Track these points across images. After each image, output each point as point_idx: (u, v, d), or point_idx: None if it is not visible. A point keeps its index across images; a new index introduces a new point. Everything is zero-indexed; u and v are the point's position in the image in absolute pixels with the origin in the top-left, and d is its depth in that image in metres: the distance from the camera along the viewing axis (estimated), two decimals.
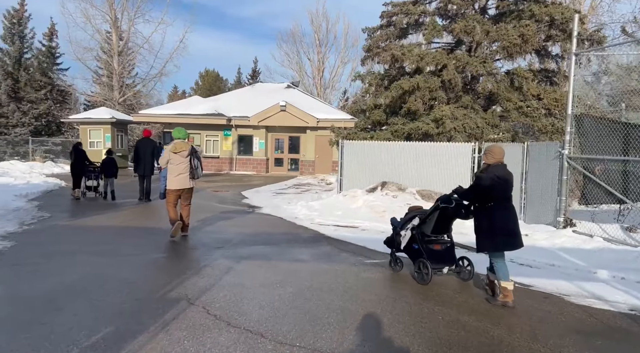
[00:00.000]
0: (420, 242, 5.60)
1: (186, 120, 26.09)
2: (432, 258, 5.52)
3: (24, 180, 15.63)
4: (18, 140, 29.91)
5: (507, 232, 4.85)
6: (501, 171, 4.88)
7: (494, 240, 4.88)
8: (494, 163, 4.94)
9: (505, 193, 4.90)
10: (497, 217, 4.85)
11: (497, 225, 4.84)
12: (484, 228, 4.94)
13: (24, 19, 31.82)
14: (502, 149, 5.02)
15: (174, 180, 7.87)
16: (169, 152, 7.86)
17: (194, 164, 7.98)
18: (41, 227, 8.61)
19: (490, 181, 4.83)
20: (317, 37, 48.72)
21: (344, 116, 25.92)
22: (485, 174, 4.90)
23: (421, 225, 5.63)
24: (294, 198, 14.56)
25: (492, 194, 4.84)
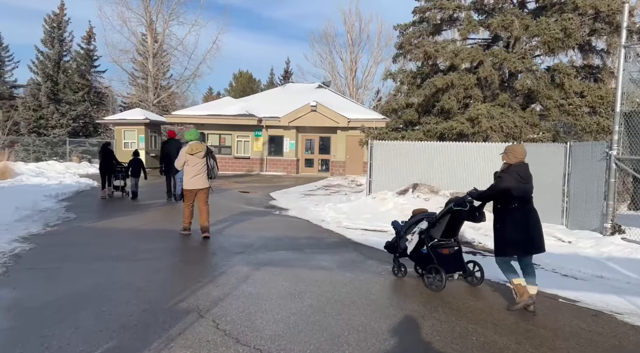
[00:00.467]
0: (430, 247, 5.34)
1: (217, 121, 26.15)
2: (442, 263, 5.24)
3: (57, 180, 15.84)
4: (57, 141, 30.68)
5: (531, 236, 4.65)
6: (524, 171, 4.70)
7: (518, 244, 4.66)
8: (516, 162, 4.74)
9: (528, 194, 4.71)
10: (521, 220, 4.65)
11: (521, 228, 4.63)
12: (506, 232, 4.71)
13: (63, 23, 32.66)
14: (524, 148, 4.83)
15: (191, 181, 7.97)
16: (186, 154, 7.90)
17: (210, 164, 8.12)
18: (64, 228, 8.53)
19: (513, 181, 4.63)
20: (350, 37, 48.27)
21: (375, 116, 25.39)
22: (507, 174, 4.70)
23: (430, 228, 5.36)
24: (322, 200, 14.20)
25: (514, 195, 4.63)
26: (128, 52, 36.66)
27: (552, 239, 8.59)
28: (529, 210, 4.71)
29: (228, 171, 26.47)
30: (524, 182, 4.67)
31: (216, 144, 27.16)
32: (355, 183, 20.65)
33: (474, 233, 8.94)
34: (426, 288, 5.39)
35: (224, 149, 27.13)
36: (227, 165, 26.84)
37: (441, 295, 5.14)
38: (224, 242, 7.72)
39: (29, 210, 10.33)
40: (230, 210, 11.66)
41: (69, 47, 33.36)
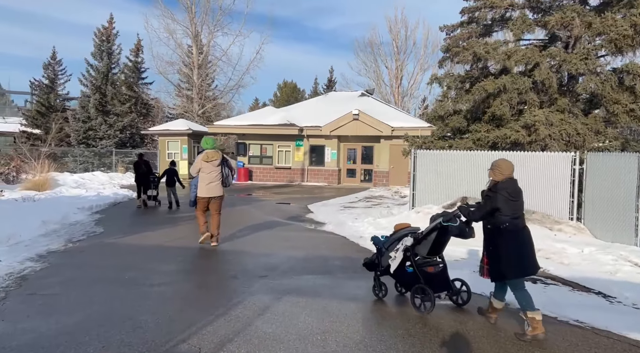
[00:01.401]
0: (416, 265, 4.99)
1: (259, 131, 25.82)
2: (428, 282, 4.91)
3: (96, 191, 15.77)
4: (104, 152, 31.36)
5: (526, 256, 4.42)
6: (512, 188, 4.44)
7: (514, 266, 4.39)
8: (503, 179, 4.47)
9: (519, 211, 4.46)
10: (515, 240, 4.42)
11: (515, 248, 4.40)
12: (501, 254, 4.43)
13: (112, 36, 33.47)
14: (511, 163, 4.56)
15: (205, 188, 7.94)
16: (201, 161, 7.87)
17: (225, 173, 8.06)
18: (86, 245, 8.10)
19: (503, 200, 4.36)
20: (396, 44, 47.29)
21: (420, 124, 24.28)
22: (495, 193, 4.43)
23: (415, 245, 5.01)
24: (361, 213, 13.32)
25: (505, 214, 4.38)
26: (174, 63, 37.22)
27: (626, 265, 7.37)
28: (521, 229, 4.46)
29: (269, 181, 26.03)
30: (513, 199, 4.40)
31: (257, 154, 26.84)
32: (398, 194, 19.64)
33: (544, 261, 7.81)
34: (476, 325, 4.44)
35: (265, 159, 26.75)
36: (268, 175, 26.43)
37: (499, 336, 4.19)
38: (248, 263, 7.02)
39: (59, 223, 10.07)
40: (263, 223, 11.01)
41: (117, 59, 34.13)
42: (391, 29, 47.04)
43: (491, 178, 4.56)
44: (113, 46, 33.65)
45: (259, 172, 26.63)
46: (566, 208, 10.35)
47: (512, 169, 4.53)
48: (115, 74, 34.00)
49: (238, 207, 14.24)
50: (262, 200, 17.08)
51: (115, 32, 33.74)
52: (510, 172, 4.51)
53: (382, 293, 5.45)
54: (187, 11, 36.18)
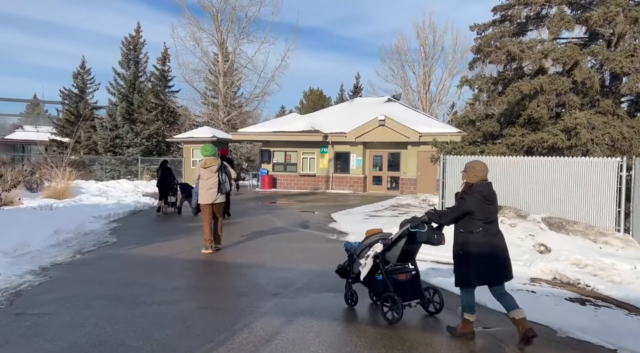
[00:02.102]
0: (385, 272, 4.81)
1: (283, 138, 25.41)
2: (399, 290, 4.76)
3: (117, 199, 15.54)
4: (131, 160, 31.51)
5: (500, 262, 4.27)
6: (486, 190, 4.27)
7: (484, 273, 4.24)
8: (477, 181, 4.31)
9: (492, 216, 4.33)
10: (486, 246, 4.22)
11: (486, 254, 4.20)
12: (471, 259, 4.24)
13: (139, 45, 33.75)
14: (485, 165, 4.40)
15: (205, 195, 8.07)
16: (200, 168, 8.07)
17: (222, 179, 8.12)
18: (93, 256, 7.70)
19: (476, 203, 4.20)
20: (423, 50, 46.41)
21: (449, 129, 23.42)
22: (468, 195, 4.26)
23: (385, 252, 4.83)
24: (387, 222, 12.62)
25: (478, 218, 4.22)
26: (200, 71, 37.25)
27: None
28: (495, 234, 4.30)
29: (293, 189, 25.54)
30: (488, 202, 4.25)
31: (281, 161, 26.41)
32: (426, 203, 18.82)
33: (580, 272, 7.03)
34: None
35: (289, 166, 26.30)
36: (293, 182, 25.95)
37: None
38: (261, 277, 6.46)
39: (72, 232, 9.75)
40: (282, 233, 10.47)
41: (144, 68, 34.38)
42: (419, 34, 46.20)
43: (465, 180, 4.40)
44: (140, 55, 33.93)
45: (283, 180, 26.19)
46: (612, 219, 9.47)
47: (486, 171, 4.35)
48: (142, 82, 34.25)
49: (260, 215, 13.75)
50: (284, 208, 16.57)
51: (142, 41, 34.03)
52: (484, 174, 4.33)
53: (353, 302, 5.29)
54: (213, 19, 36.24)
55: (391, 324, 4.67)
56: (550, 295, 6.07)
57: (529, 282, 6.81)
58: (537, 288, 6.43)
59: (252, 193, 23.89)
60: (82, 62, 36.34)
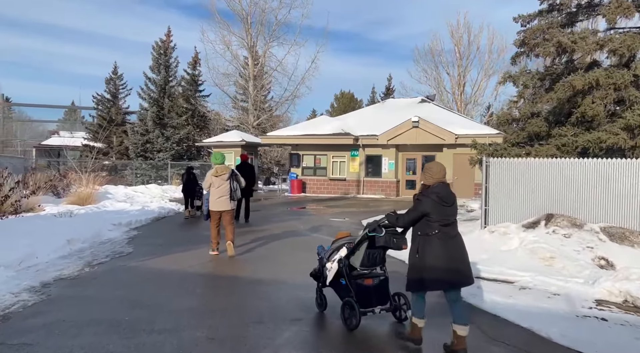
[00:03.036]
0: (348, 277, 4.72)
1: (312, 141, 24.70)
2: (362, 296, 4.67)
3: (141, 205, 15.11)
4: (161, 164, 31.41)
5: (456, 266, 4.12)
6: (442, 192, 4.17)
7: (441, 277, 4.10)
8: (434, 183, 4.22)
9: (449, 218, 4.19)
10: (440, 249, 4.09)
11: (444, 257, 4.08)
12: (427, 263, 4.12)
13: (169, 49, 33.69)
14: (442, 166, 4.33)
15: (216, 202, 8.21)
16: (211, 176, 8.19)
17: (233, 186, 8.28)
18: (103, 270, 7.08)
19: (432, 204, 4.12)
20: (458, 50, 45.05)
21: (488, 130, 22.23)
22: (424, 196, 4.19)
23: (350, 256, 4.75)
24: None
25: (434, 220, 4.12)
26: (230, 75, 37.05)
27: None
28: (452, 237, 4.20)
29: (323, 194, 24.77)
30: (445, 204, 4.16)
31: (311, 165, 25.69)
32: (464, 208, 17.69)
33: None
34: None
35: (319, 170, 25.55)
36: (322, 187, 25.17)
37: None
38: (281, 298, 5.67)
39: (88, 241, 9.23)
40: (309, 243, 9.67)
41: (174, 72, 34.32)
42: (453, 35, 44.85)
43: (422, 182, 4.34)
44: (170, 59, 33.87)
45: (313, 184, 25.45)
46: None
47: (443, 173, 4.26)
48: (172, 86, 34.21)
49: (287, 221, 12.99)
50: (313, 214, 15.80)
51: (173, 45, 33.97)
52: (441, 175, 4.23)
53: (322, 307, 5.19)
54: (243, 22, 36.00)
55: (349, 330, 4.56)
56: (626, 325, 5.05)
57: (596, 306, 5.79)
58: (607, 315, 5.41)
59: (281, 198, 23.25)
60: (114, 68, 36.70)
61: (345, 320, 4.69)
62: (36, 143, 45.93)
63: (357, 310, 4.53)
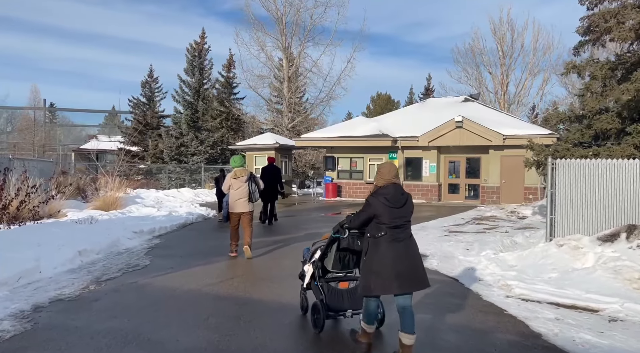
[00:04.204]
0: (321, 279, 4.64)
1: (348, 143, 23.60)
2: (333, 299, 4.56)
3: (168, 211, 14.37)
4: (195, 168, 30.99)
5: (404, 270, 3.94)
6: (392, 193, 4.06)
7: (384, 280, 3.93)
8: (383, 184, 4.12)
9: (399, 220, 4.03)
10: (387, 251, 3.96)
11: (387, 260, 3.94)
12: (374, 266, 3.99)
13: (204, 51, 33.36)
14: (393, 167, 4.24)
15: (235, 204, 8.31)
16: (230, 179, 8.29)
17: (252, 189, 8.30)
18: (109, 288, 6.19)
19: (380, 206, 4.01)
20: (501, 48, 43.03)
21: (539, 130, 20.57)
22: (373, 198, 4.09)
23: (323, 258, 4.65)
24: (474, 242, 10.37)
25: (381, 222, 4.00)
26: (264, 77, 36.39)
27: None
28: (401, 240, 4.03)
29: (359, 198, 23.56)
30: (393, 206, 4.01)
31: (347, 168, 24.56)
32: (516, 215, 16.19)
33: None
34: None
35: (355, 173, 24.40)
36: (359, 191, 23.98)
37: None
38: (308, 329, 4.59)
39: (103, 252, 8.45)
40: None
41: (208, 74, 33.94)
42: (495, 32, 42.84)
43: (374, 183, 4.31)
44: (204, 61, 33.54)
45: (348, 188, 24.31)
46: None
47: (394, 174, 4.20)
48: (206, 89, 33.83)
49: (321, 229, 11.88)
50: None
51: (207, 47, 33.63)
52: (391, 176, 4.17)
53: (304, 310, 5.12)
54: (278, 23, 35.28)
55: (316, 332, 4.55)
56: None
57: None
58: None
59: (315, 202, 22.24)
60: (149, 71, 36.69)
61: (313, 322, 4.70)
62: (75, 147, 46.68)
63: (322, 313, 4.51)
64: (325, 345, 4.39)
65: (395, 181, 4.17)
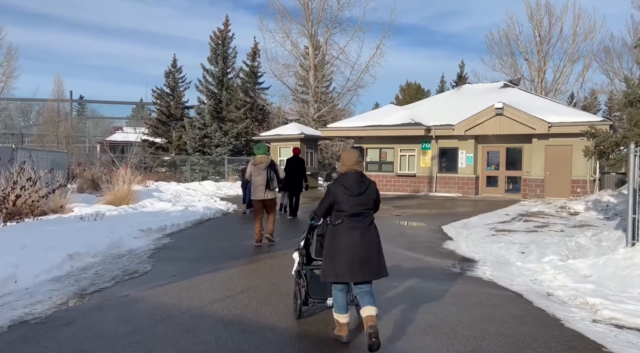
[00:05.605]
0: (304, 266, 4.62)
1: (377, 133, 22.17)
2: (314, 286, 4.53)
3: (184, 205, 13.30)
4: (219, 160, 30.05)
5: (358, 259, 3.91)
6: (350, 181, 4.03)
7: (336, 267, 3.94)
8: (345, 171, 4.12)
9: (358, 208, 4.00)
10: (342, 238, 3.97)
11: (341, 247, 3.95)
12: (328, 252, 4.06)
13: (227, 39, 32.21)
14: (354, 154, 4.19)
15: (255, 191, 8.46)
16: (251, 165, 8.49)
17: (270, 176, 8.34)
18: (92, 305, 5.05)
19: (338, 193, 4.01)
20: (538, 34, 40.70)
21: (590, 118, 18.73)
22: (333, 185, 4.11)
23: (308, 246, 4.70)
24: (529, 243, 8.90)
25: (340, 209, 3.99)
26: (289, 66, 35.11)
27: None
28: (359, 228, 4.00)
29: (389, 191, 22.17)
30: (351, 194, 3.98)
31: (376, 160, 23.14)
32: (566, 210, 14.53)
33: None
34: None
35: (384, 165, 22.95)
36: (389, 184, 22.56)
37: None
38: None
39: (101, 254, 7.38)
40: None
41: (232, 63, 32.82)
42: (532, 16, 40.48)
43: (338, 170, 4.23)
44: (228, 50, 32.42)
45: (378, 181, 22.84)
46: None
47: (354, 161, 4.12)
48: (230, 78, 32.76)
49: None
50: (380, 216, 13.25)
51: (231, 35, 32.49)
52: (352, 163, 4.11)
53: None
54: (304, 8, 33.92)
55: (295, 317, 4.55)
56: None
57: None
58: None
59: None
60: (173, 61, 35.84)
61: (294, 307, 4.70)
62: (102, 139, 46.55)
63: (299, 300, 4.54)
64: None
65: (356, 168, 4.12)
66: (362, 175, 4.13)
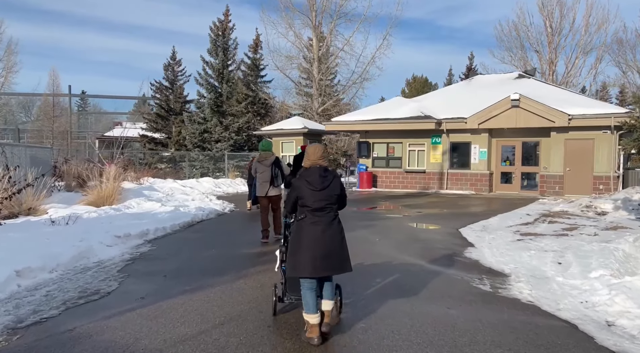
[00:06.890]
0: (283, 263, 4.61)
1: (384, 127, 20.93)
2: (292, 283, 4.44)
3: (174, 206, 12.14)
4: (219, 156, 28.90)
5: (321, 254, 3.90)
6: (314, 175, 4.02)
7: (299, 262, 3.92)
8: (309, 166, 4.11)
9: (321, 203, 3.97)
10: (304, 233, 3.96)
11: (303, 242, 3.95)
12: (291, 247, 4.07)
13: (228, 30, 30.95)
14: (319, 148, 4.19)
15: (260, 187, 8.46)
16: (256, 162, 8.56)
17: (274, 173, 8.34)
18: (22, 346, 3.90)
19: (301, 188, 4.02)
20: (549, 25, 39.38)
21: (614, 109, 17.41)
22: (297, 179, 4.14)
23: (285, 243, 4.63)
24: (563, 250, 7.66)
25: (303, 204, 4.00)
26: (292, 58, 33.82)
27: None
28: (321, 223, 3.97)
29: (397, 188, 20.96)
30: (313, 189, 3.97)
31: (383, 155, 21.91)
32: (592, 210, 13.25)
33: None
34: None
35: (392, 160, 21.72)
36: (397, 181, 21.33)
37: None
38: None
39: (61, 267, 6.25)
40: (390, 274, 6.15)
41: (232, 55, 31.57)
42: (543, 6, 39.10)
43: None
44: (229, 41, 31.17)
45: (385, 177, 21.67)
46: None
47: (318, 155, 4.12)
48: (231, 71, 31.52)
49: (354, 230, 9.35)
50: (389, 217, 12.15)
51: (231, 26, 31.22)
52: (316, 157, 4.10)
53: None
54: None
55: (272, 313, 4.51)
56: None
57: None
58: None
59: (348, 193, 19.79)
60: (172, 53, 34.59)
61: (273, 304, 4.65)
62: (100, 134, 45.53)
63: (274, 297, 4.52)
64: None
65: (320, 163, 4.11)
66: (326, 170, 4.10)
